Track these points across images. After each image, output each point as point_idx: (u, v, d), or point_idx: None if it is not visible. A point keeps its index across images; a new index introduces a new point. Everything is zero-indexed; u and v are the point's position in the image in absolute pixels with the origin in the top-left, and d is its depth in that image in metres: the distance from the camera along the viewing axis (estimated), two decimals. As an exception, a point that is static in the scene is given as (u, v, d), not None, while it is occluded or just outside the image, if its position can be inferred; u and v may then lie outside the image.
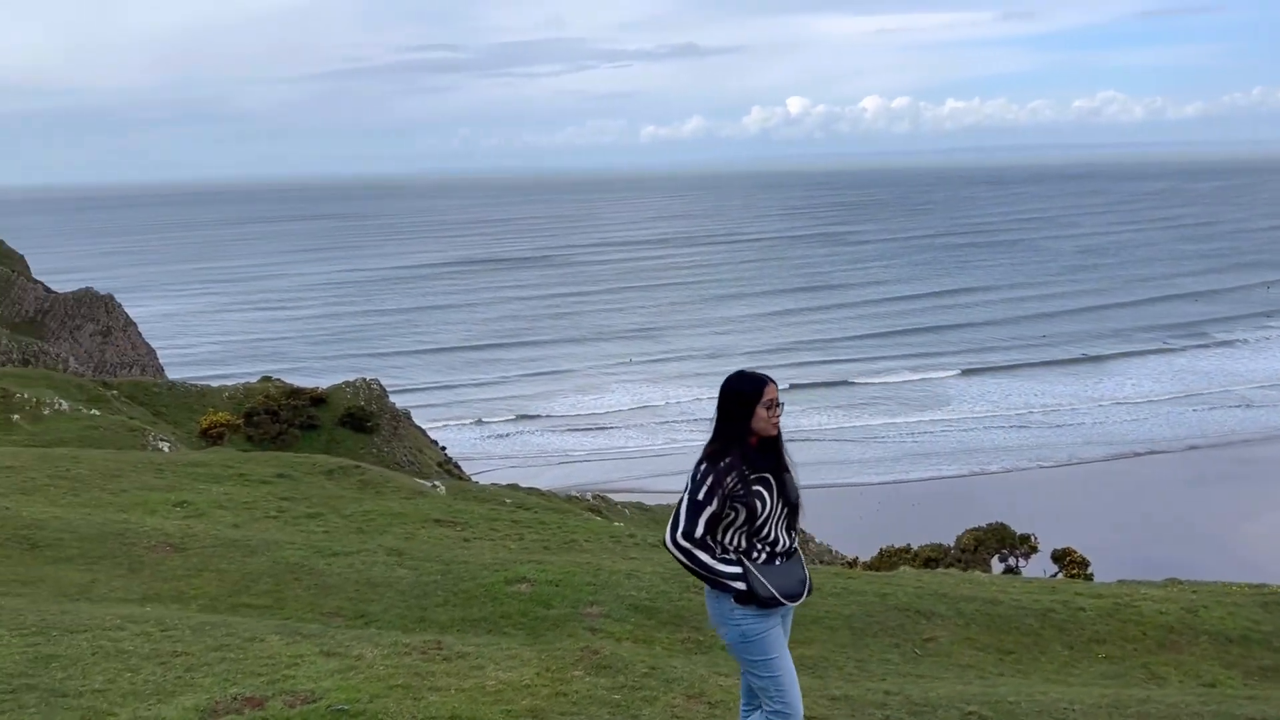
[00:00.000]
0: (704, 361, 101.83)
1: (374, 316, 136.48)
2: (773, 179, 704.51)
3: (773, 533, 5.36)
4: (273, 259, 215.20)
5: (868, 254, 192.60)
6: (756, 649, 5.30)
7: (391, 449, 44.75)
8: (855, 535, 44.40)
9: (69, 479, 15.19)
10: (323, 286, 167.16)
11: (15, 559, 10.96)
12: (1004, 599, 11.44)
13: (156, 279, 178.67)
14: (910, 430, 77.03)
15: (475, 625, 9.97)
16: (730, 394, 5.43)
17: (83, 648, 7.88)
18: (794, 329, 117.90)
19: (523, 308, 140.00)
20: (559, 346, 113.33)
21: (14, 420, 31.68)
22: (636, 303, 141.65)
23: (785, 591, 5.29)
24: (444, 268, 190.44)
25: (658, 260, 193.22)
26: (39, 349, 66.43)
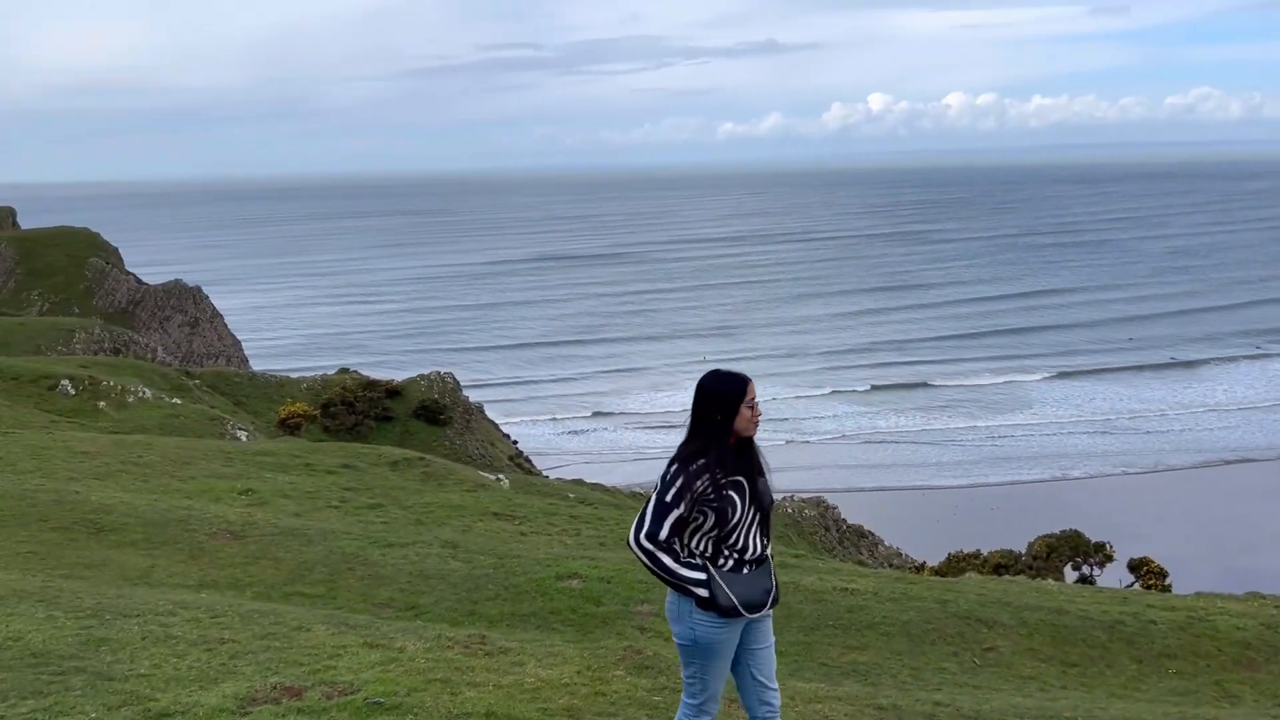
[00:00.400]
0: (780, 360, 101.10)
1: (452, 311, 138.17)
2: (853, 176, 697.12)
3: (742, 539, 5.18)
4: (355, 254, 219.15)
5: (949, 253, 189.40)
6: (704, 654, 5.19)
7: (464, 442, 45.17)
8: (928, 539, 43.64)
9: (141, 465, 15.53)
10: (403, 281, 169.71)
11: (81, 543, 11.20)
12: (1071, 609, 11.04)
13: (243, 272, 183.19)
14: (990, 433, 75.55)
15: (524, 620, 9.91)
16: (711, 394, 5.21)
17: (133, 632, 7.98)
18: (872, 329, 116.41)
19: (598, 304, 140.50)
20: (634, 344, 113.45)
21: (100, 407, 32.61)
22: (712, 300, 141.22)
23: (747, 601, 5.11)
24: (521, 264, 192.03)
25: (734, 258, 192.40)
26: (129, 338, 68.48)
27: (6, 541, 11.03)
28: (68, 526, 11.55)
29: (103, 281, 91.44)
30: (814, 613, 10.45)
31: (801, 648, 9.67)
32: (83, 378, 34.02)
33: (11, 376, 33.13)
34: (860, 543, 31.12)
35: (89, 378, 34.13)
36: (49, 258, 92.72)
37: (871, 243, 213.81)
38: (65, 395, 33.02)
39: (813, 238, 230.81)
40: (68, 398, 32.92)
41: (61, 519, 11.76)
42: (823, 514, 30.56)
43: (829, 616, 10.38)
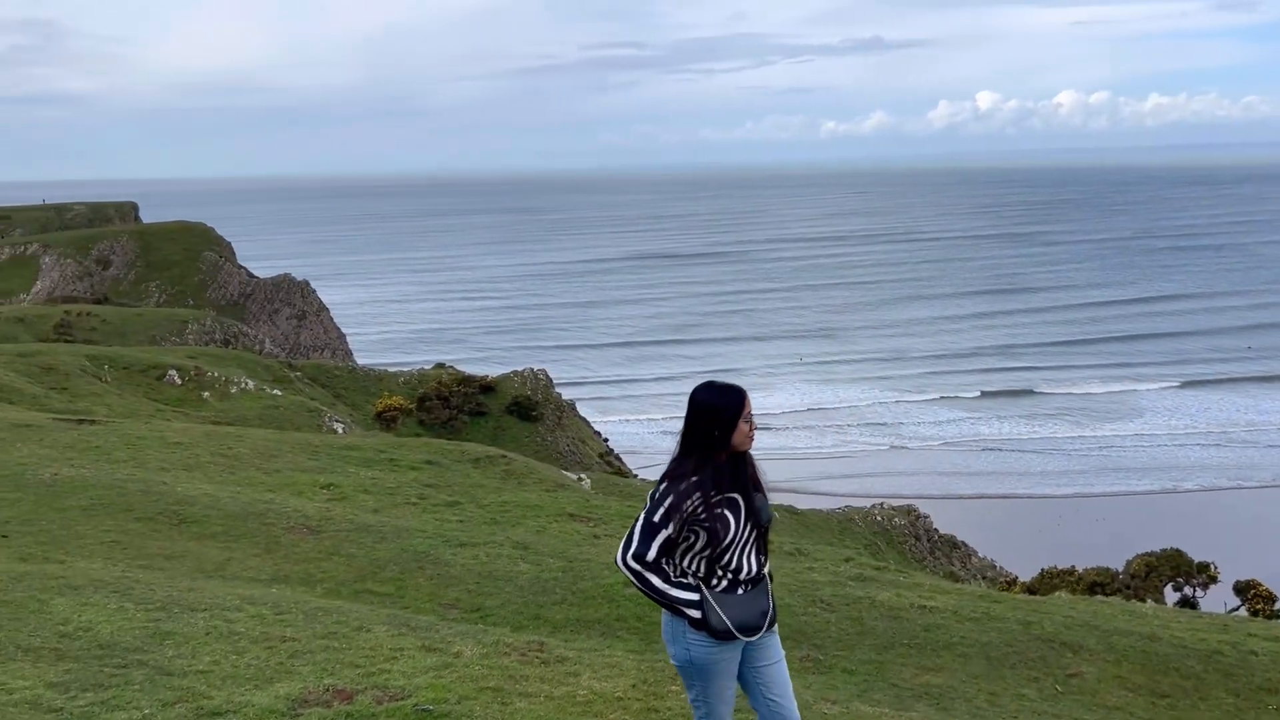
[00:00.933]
0: (879, 364, 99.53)
1: (551, 309, 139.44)
2: (959, 176, 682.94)
3: (736, 559, 4.94)
4: (459, 250, 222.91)
5: (1059, 255, 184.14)
6: (701, 675, 5.01)
7: (554, 438, 45.43)
8: (1027, 551, 42.38)
9: (229, 457, 15.88)
10: (504, 278, 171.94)
11: (163, 533, 11.44)
12: (1164, 635, 10.47)
13: (351, 267, 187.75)
14: (1099, 442, 73.27)
15: (589, 627, 9.78)
16: (708, 408, 4.94)
17: (198, 627, 8.08)
18: (978, 333, 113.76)
19: (696, 303, 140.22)
20: (730, 344, 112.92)
21: (204, 397, 33.65)
22: (811, 301, 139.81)
23: (742, 624, 4.92)
24: (619, 262, 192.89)
25: (835, 258, 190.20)
26: (238, 330, 70.73)
27: (94, 530, 11.34)
28: (152, 517, 11.82)
29: (216, 275, 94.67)
30: (888, 630, 10.10)
31: (873, 667, 9.34)
32: (189, 368, 35.15)
33: (123, 366, 34.38)
34: (952, 554, 30.30)
35: (195, 368, 35.24)
36: (166, 251, 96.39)
37: (978, 244, 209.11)
38: (172, 385, 34.15)
39: (917, 238, 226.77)
40: (174, 387, 34.05)
41: (147, 509, 12.04)
42: (913, 523, 29.82)
43: (904, 635, 10.01)
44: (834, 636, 9.89)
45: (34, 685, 6.76)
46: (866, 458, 70.42)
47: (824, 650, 9.62)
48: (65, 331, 58.10)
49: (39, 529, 11.15)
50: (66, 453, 14.96)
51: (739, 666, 5.11)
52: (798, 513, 28.15)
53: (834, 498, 51.58)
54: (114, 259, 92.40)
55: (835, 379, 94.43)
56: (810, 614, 10.34)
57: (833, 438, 76.14)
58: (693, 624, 4.94)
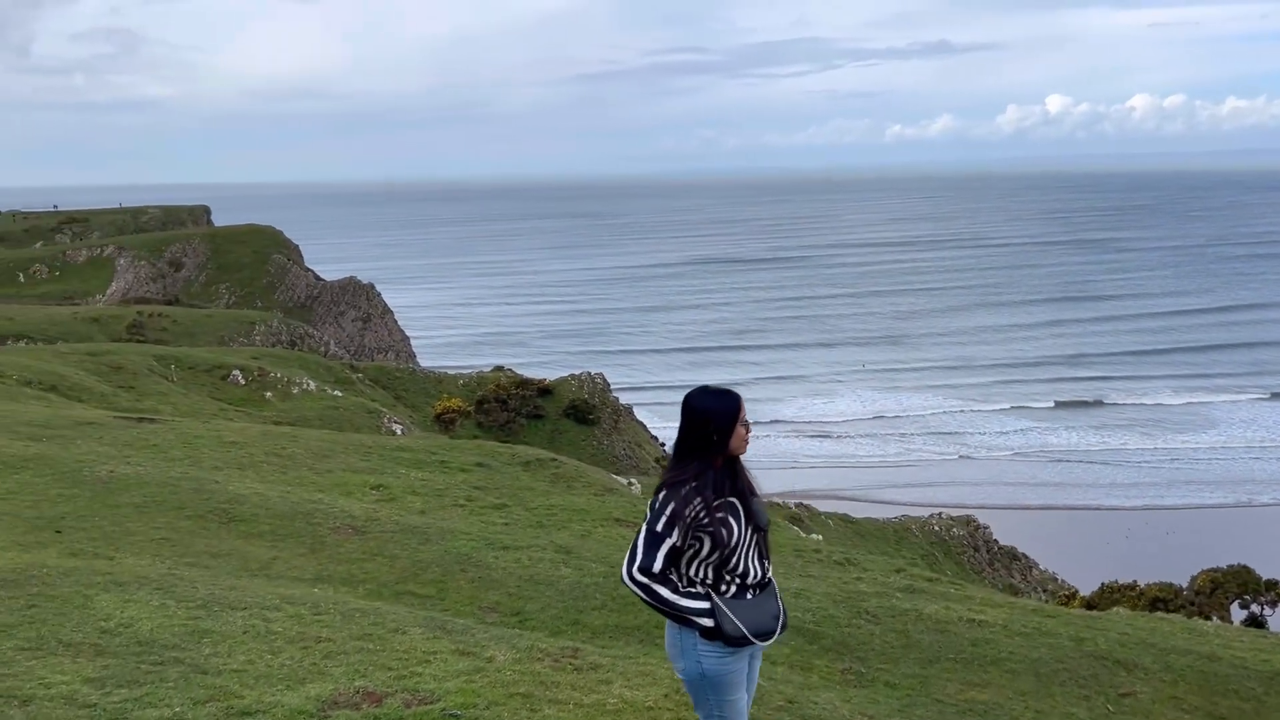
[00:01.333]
0: (945, 372, 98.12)
1: (613, 313, 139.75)
2: (1028, 181, 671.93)
3: (742, 563, 4.87)
4: (522, 254, 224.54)
5: (1131, 262, 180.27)
6: (715, 688, 4.91)
7: (610, 442, 45.47)
8: (1092, 564, 41.41)
9: (283, 457, 16.06)
10: (566, 283, 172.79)
11: (212, 531, 11.58)
12: (1225, 655, 10.09)
13: (416, 271, 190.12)
14: (1170, 455, 71.52)
15: (628, 634, 9.69)
16: (705, 413, 4.86)
17: (236, 625, 8.13)
18: (1047, 341, 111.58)
19: (758, 309, 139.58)
20: (793, 349, 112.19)
21: (267, 397, 34.21)
22: (876, 307, 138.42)
23: (756, 629, 4.86)
24: (682, 267, 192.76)
25: (900, 264, 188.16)
26: (304, 332, 71.92)
27: (145, 527, 11.51)
28: (202, 515, 11.97)
29: (284, 277, 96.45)
30: (934, 644, 9.87)
31: (917, 682, 9.12)
32: (252, 369, 35.77)
33: (189, 366, 35.07)
34: (1012, 565, 29.67)
35: (258, 369, 35.85)
36: (236, 254, 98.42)
37: (1047, 250, 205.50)
38: (236, 385, 34.77)
39: (985, 244, 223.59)
40: (238, 387, 34.66)
41: (198, 507, 12.20)
42: (972, 533, 29.26)
43: (951, 649, 9.77)
44: (878, 649, 9.69)
45: (71, 680, 6.84)
46: (931, 467, 69.48)
47: (867, 663, 9.43)
48: (137, 331, 59.52)
49: (92, 525, 11.35)
50: (125, 450, 15.24)
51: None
52: (853, 521, 27.80)
53: (896, 506, 50.99)
54: (186, 261, 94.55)
55: (900, 386, 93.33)
56: (854, 626, 10.15)
57: (896, 446, 75.26)
58: (704, 634, 4.85)
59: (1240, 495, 62.83)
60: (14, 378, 26.37)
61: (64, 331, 55.80)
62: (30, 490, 12.38)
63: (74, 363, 31.04)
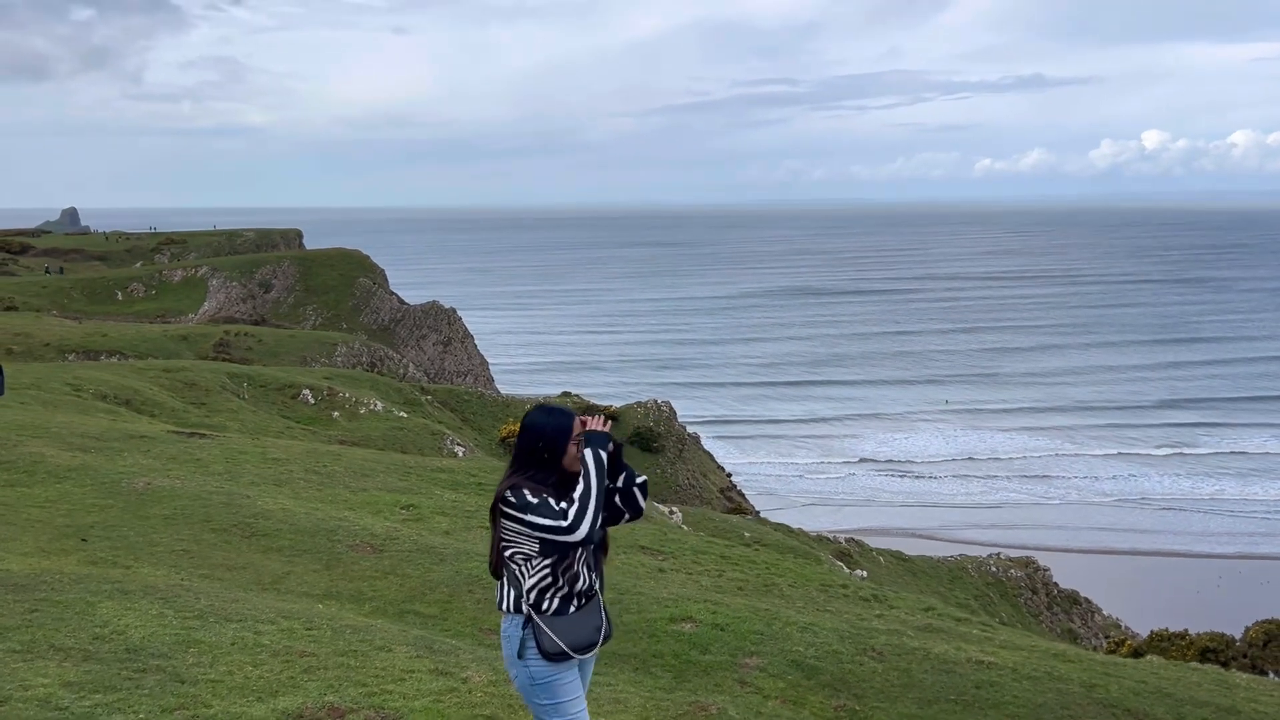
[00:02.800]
0: (1031, 412, 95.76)
1: (692, 344, 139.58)
2: (1122, 217, 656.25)
3: (570, 576, 5.01)
4: (606, 282, 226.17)
5: (1230, 303, 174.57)
6: (545, 693, 5.07)
7: (674, 471, 45.37)
8: (1169, 610, 39.94)
9: (322, 475, 16.37)
10: (649, 311, 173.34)
11: (233, 545, 11.85)
12: (1246, 709, 9.65)
13: (499, 297, 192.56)
14: (1268, 504, 68.82)
15: (622, 661, 9.64)
16: (537, 430, 5.11)
17: (226, 637, 8.30)
18: (1138, 384, 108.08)
19: (839, 342, 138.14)
20: (875, 385, 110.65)
21: (334, 416, 34.92)
22: (961, 342, 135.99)
23: (575, 644, 5.02)
24: (762, 298, 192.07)
25: (987, 299, 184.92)
26: (384, 354, 73.25)
27: (169, 539, 11.83)
28: (226, 528, 12.26)
29: (369, 300, 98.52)
30: (937, 684, 9.63)
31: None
32: (322, 388, 36.55)
33: (260, 384, 35.99)
34: (1072, 610, 28.72)
35: (328, 389, 36.62)
36: (324, 276, 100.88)
37: (1141, 288, 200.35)
38: (305, 404, 35.57)
39: (1077, 280, 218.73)
40: (307, 406, 35.45)
41: (223, 521, 12.50)
42: (1030, 575, 28.43)
43: (952, 690, 9.52)
44: (877, 687, 9.49)
45: (52, 683, 7.05)
46: (1013, 508, 67.83)
47: (863, 700, 9.24)
48: (223, 350, 61.27)
49: (117, 535, 11.71)
50: (168, 464, 15.71)
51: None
52: (906, 559, 27.23)
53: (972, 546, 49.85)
54: (275, 283, 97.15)
55: (984, 426, 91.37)
56: (857, 663, 9.95)
57: (979, 485, 73.67)
58: (518, 653, 5.05)
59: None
60: (90, 392, 27.36)
61: (154, 348, 57.69)
62: (67, 499, 12.83)
63: (150, 378, 32.08)
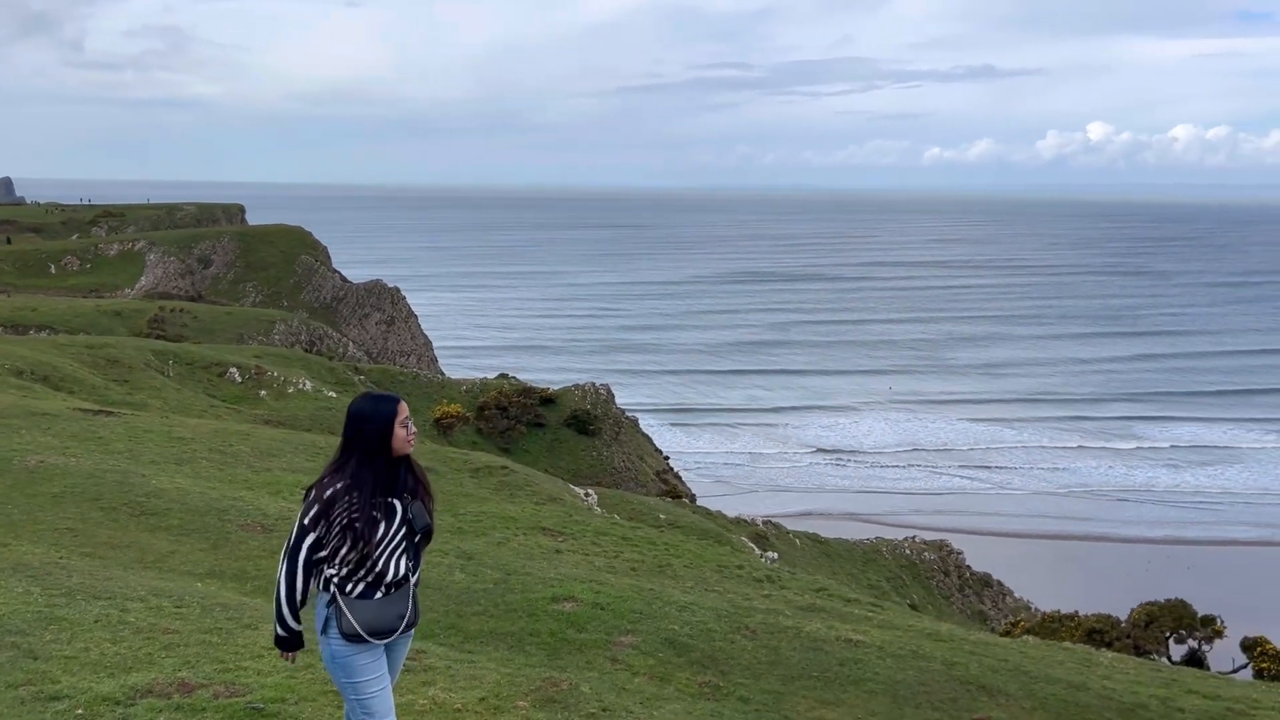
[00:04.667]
0: (972, 400, 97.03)
1: (640, 326, 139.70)
2: (1067, 208, 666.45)
3: (382, 563, 5.11)
4: (555, 264, 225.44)
5: (1169, 296, 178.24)
6: (342, 671, 5.20)
7: (610, 453, 45.58)
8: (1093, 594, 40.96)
9: (226, 454, 16.35)
10: (598, 294, 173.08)
11: (120, 523, 11.86)
12: (1094, 685, 10.06)
13: (446, 276, 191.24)
14: (1197, 491, 70.63)
15: (499, 639, 9.83)
16: (362, 415, 5.15)
17: (90, 614, 8.37)
18: (1072, 376, 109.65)
19: (787, 330, 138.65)
20: (818, 369, 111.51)
21: (261, 395, 34.67)
22: (907, 331, 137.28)
23: (373, 628, 5.12)
24: (711, 283, 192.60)
25: (933, 288, 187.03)
26: (324, 332, 72.56)
27: (55, 517, 11.82)
28: (115, 507, 12.26)
29: (310, 278, 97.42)
30: (802, 661, 9.93)
31: (770, 698, 9.19)
32: (250, 367, 36.25)
33: (187, 362, 35.62)
34: (984, 592, 29.41)
35: (255, 367, 36.33)
36: (264, 253, 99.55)
37: (1083, 278, 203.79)
38: (232, 382, 35.27)
39: (1021, 268, 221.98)
40: (234, 385, 35.16)
41: (113, 500, 12.49)
42: (944, 558, 29.05)
43: (816, 667, 9.83)
44: (743, 664, 9.78)
45: (-101, 659, 7.10)
46: (953, 495, 68.92)
47: (727, 677, 9.51)
48: (158, 326, 60.32)
49: (1, 514, 11.66)
50: (68, 442, 15.61)
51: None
52: (822, 542, 27.68)
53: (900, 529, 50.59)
54: (214, 258, 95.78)
55: (927, 413, 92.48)
56: (728, 640, 10.23)
57: (921, 471, 74.74)
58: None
59: (1266, 534, 62.24)
60: (6, 367, 26.93)
61: (86, 324, 56.67)
62: (-46, 477, 12.74)
63: (72, 355, 31.64)
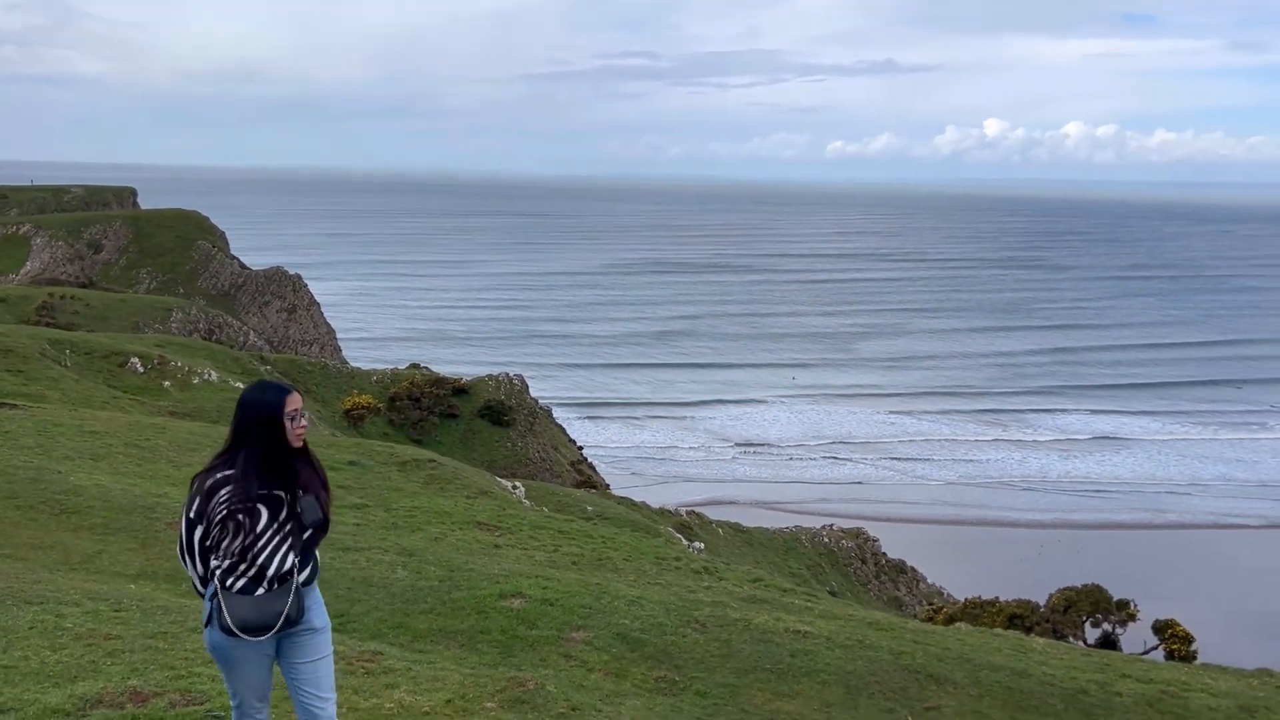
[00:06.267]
0: (875, 389, 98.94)
1: (549, 317, 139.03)
2: (964, 202, 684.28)
3: (265, 556, 4.98)
4: (460, 252, 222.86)
5: (1062, 287, 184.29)
6: (220, 663, 5.18)
7: (525, 444, 45.28)
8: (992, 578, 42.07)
9: (143, 449, 15.74)
10: (505, 283, 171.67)
11: (40, 523, 11.32)
12: (1035, 672, 10.33)
13: (349, 264, 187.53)
14: (1086, 477, 73.19)
15: (450, 638, 9.66)
16: (250, 405, 5.06)
17: (24, 621, 7.96)
18: (969, 370, 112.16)
19: (692, 323, 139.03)
20: (725, 361, 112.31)
21: (165, 386, 33.51)
22: (809, 325, 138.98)
23: (248, 624, 4.98)
24: (617, 272, 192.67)
25: (836, 279, 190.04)
26: (223, 320, 70.54)
27: (-32, 516, 11.22)
28: (33, 506, 11.70)
29: (208, 264, 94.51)
30: (754, 654, 9.98)
31: (727, 691, 9.21)
32: (152, 357, 35.01)
33: (86, 351, 34.24)
34: (899, 578, 30.07)
35: (159, 357, 35.11)
36: (159, 238, 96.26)
37: (980, 271, 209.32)
38: (134, 373, 34.02)
39: (922, 260, 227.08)
40: (136, 375, 33.92)
41: (30, 498, 11.92)
42: (860, 545, 29.62)
43: (769, 659, 9.89)
44: (697, 658, 9.77)
45: None
46: (857, 484, 70.18)
47: (683, 671, 9.50)
48: (47, 313, 57.93)
49: (-90, 513, 11.03)
50: (-27, 437, 14.85)
51: (281, 661, 5.21)
52: (744, 531, 27.93)
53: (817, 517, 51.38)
54: (106, 243, 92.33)
55: (830, 404, 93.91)
56: (680, 634, 10.22)
57: (820, 457, 75.95)
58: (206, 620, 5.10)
59: (1149, 517, 64.80)
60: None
61: (-32, 312, 54.18)
62: None
63: (-39, 344, 30.15)
